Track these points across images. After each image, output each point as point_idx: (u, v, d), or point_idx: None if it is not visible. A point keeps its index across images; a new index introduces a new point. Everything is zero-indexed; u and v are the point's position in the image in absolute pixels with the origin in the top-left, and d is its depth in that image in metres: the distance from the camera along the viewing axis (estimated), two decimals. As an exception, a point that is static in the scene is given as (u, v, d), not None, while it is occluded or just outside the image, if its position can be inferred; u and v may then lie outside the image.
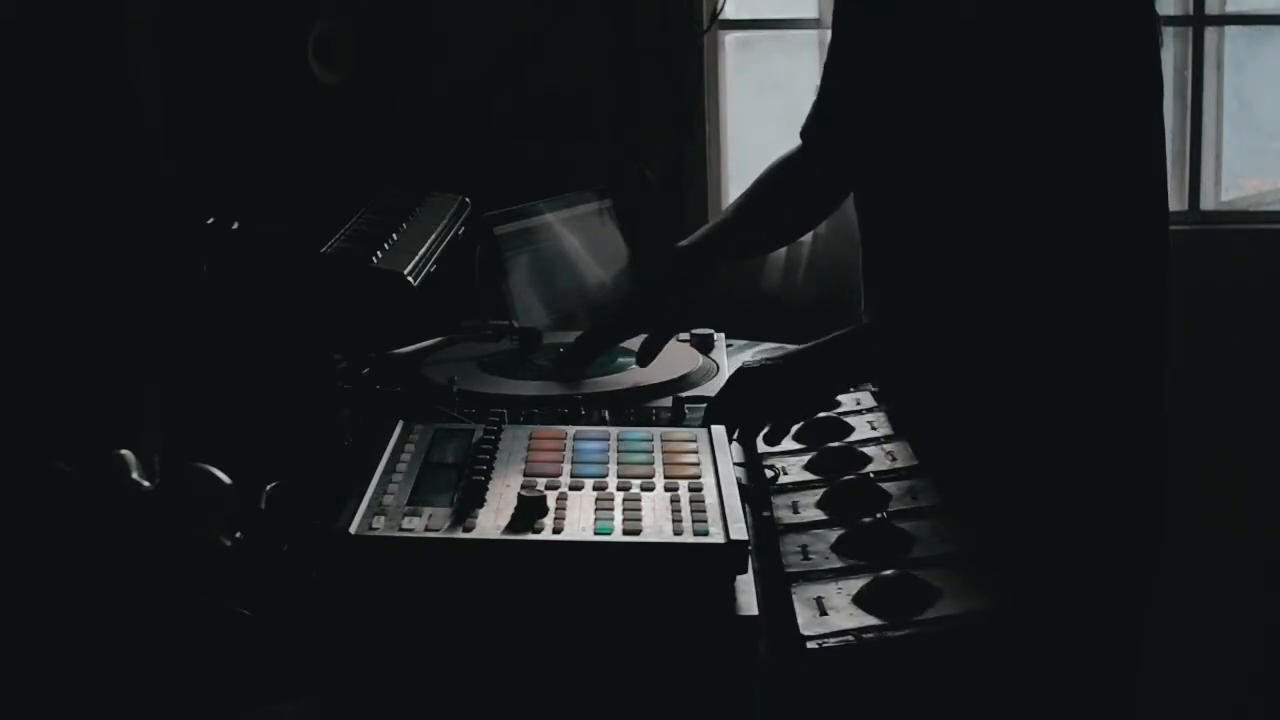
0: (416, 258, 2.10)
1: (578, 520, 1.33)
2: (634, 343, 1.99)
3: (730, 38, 3.06)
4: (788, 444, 1.75)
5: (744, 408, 1.71)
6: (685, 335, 2.10)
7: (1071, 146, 1.70)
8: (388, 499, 1.37)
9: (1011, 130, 1.72)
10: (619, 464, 1.47)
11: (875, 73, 1.89)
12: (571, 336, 2.02)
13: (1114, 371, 1.82)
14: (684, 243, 2.02)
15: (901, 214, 1.90)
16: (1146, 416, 1.86)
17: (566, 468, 1.46)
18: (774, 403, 1.72)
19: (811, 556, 1.46)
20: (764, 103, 3.06)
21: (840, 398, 1.87)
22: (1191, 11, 3.02)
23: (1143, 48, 1.73)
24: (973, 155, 1.77)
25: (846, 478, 1.61)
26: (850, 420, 1.79)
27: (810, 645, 1.30)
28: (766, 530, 1.53)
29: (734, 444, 1.67)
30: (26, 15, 2.29)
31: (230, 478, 1.53)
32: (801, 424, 1.79)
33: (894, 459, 1.67)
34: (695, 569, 1.29)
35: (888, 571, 1.40)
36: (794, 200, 2.12)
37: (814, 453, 1.71)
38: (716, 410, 1.71)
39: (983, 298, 1.73)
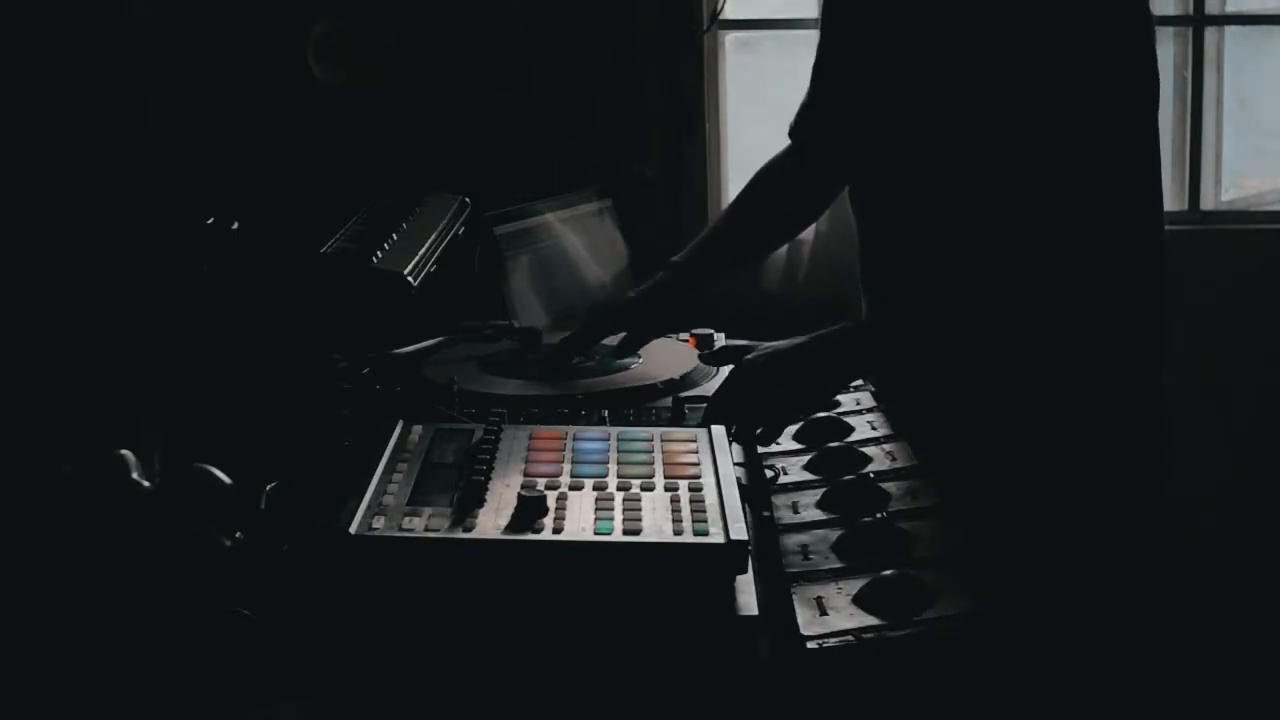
0: (416, 258, 2.10)
1: (578, 520, 1.33)
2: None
3: (730, 38, 3.06)
4: (788, 444, 1.75)
5: (745, 404, 1.71)
6: (685, 335, 2.10)
7: (1067, 145, 1.70)
8: (388, 499, 1.37)
9: (1007, 129, 1.72)
10: (619, 464, 1.47)
11: (871, 71, 1.89)
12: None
13: (1112, 369, 1.82)
14: (676, 258, 2.05)
15: (899, 213, 1.90)
16: (1146, 415, 1.85)
17: (566, 468, 1.46)
18: (776, 399, 1.72)
19: (811, 556, 1.46)
20: (764, 103, 3.06)
21: (840, 398, 1.87)
22: (1191, 11, 3.02)
23: (1138, 45, 1.73)
24: (969, 154, 1.77)
25: (846, 478, 1.61)
26: (850, 420, 1.79)
27: (810, 645, 1.30)
28: (766, 530, 1.53)
29: (734, 440, 1.67)
30: (27, 15, 2.29)
31: (230, 478, 1.53)
32: (801, 424, 1.79)
33: (894, 459, 1.67)
34: (695, 569, 1.29)
35: (888, 571, 1.40)
36: (785, 201, 2.14)
37: (814, 453, 1.70)
38: (718, 406, 1.71)
39: (981, 297, 1.73)
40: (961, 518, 1.52)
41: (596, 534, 1.31)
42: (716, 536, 1.30)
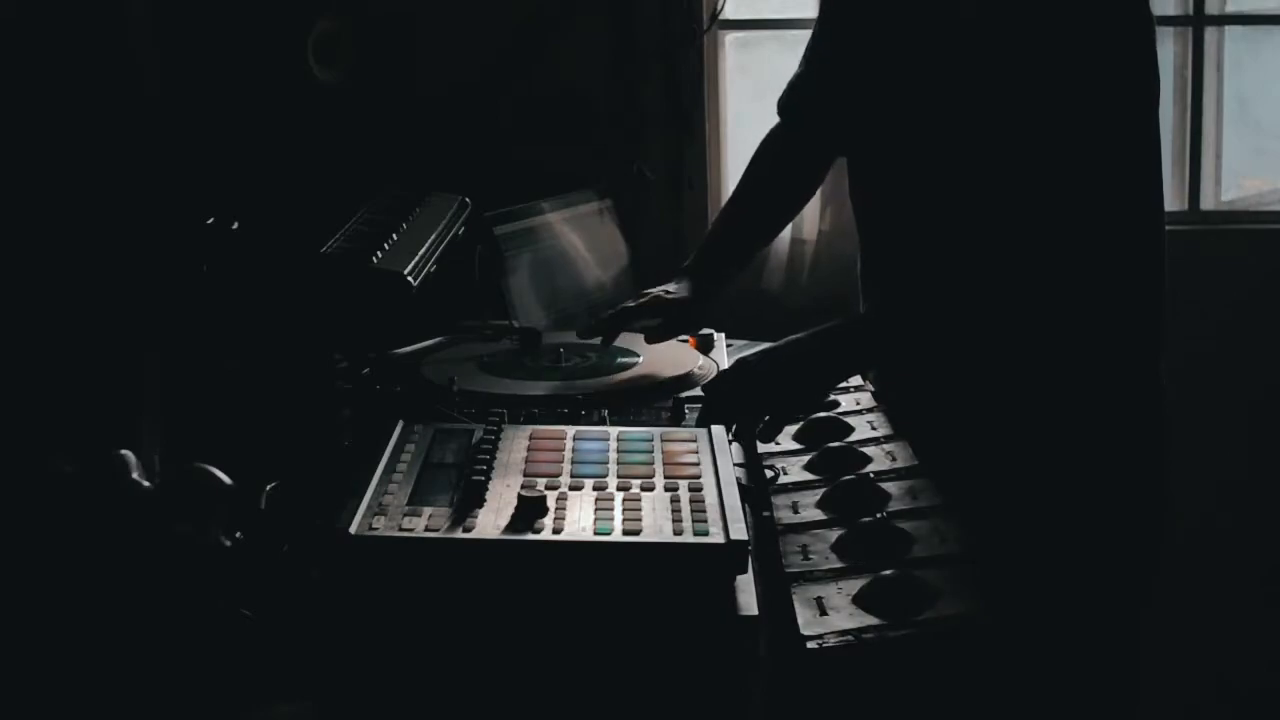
0: (416, 258, 2.10)
1: (578, 520, 1.33)
2: (630, 342, 2.01)
3: (730, 38, 3.06)
4: (788, 444, 1.75)
5: (743, 401, 1.71)
6: (685, 335, 2.10)
7: (1067, 144, 1.70)
8: (388, 499, 1.37)
9: (1008, 128, 1.72)
10: (619, 464, 1.47)
11: (872, 71, 1.89)
12: (571, 337, 2.03)
13: (1111, 368, 1.82)
14: (689, 263, 2.05)
15: (899, 212, 1.90)
16: (1145, 414, 1.86)
17: (566, 468, 1.45)
18: (773, 396, 1.72)
19: (811, 556, 1.46)
20: (764, 103, 3.05)
21: (840, 398, 1.87)
22: (1191, 11, 3.02)
23: (1138, 45, 1.73)
24: (969, 152, 1.77)
25: (846, 478, 1.61)
26: (850, 420, 1.79)
27: (810, 645, 1.30)
28: (766, 530, 1.53)
29: (734, 439, 1.67)
30: (27, 13, 2.29)
31: (230, 478, 1.53)
32: (801, 423, 1.79)
33: (894, 459, 1.67)
34: (695, 569, 1.29)
35: (888, 571, 1.40)
36: (783, 178, 2.14)
37: (814, 453, 1.70)
38: (713, 404, 1.71)
39: (981, 296, 1.73)
40: (961, 518, 1.52)
41: (596, 534, 1.31)
42: (716, 536, 1.30)
